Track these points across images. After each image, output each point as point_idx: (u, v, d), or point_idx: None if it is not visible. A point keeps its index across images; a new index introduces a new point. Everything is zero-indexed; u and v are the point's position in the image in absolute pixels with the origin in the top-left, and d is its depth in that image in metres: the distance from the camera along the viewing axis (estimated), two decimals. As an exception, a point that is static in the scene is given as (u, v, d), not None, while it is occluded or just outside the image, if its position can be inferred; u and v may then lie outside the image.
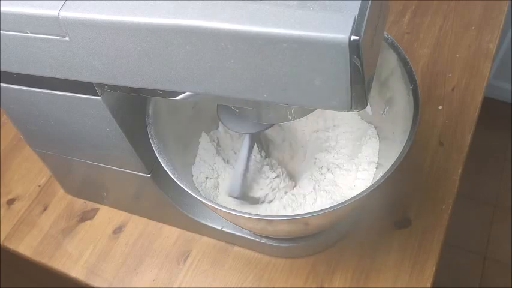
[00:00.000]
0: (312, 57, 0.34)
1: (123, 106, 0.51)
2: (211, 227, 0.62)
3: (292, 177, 0.62)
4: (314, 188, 0.60)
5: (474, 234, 1.35)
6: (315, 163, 0.63)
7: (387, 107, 0.59)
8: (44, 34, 0.41)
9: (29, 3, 0.41)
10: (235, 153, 0.65)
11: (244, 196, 0.59)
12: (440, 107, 0.71)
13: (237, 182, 0.58)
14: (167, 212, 0.63)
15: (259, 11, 0.35)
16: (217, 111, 0.53)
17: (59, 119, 0.53)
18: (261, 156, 0.62)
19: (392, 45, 0.54)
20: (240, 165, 0.57)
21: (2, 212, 0.71)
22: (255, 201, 0.60)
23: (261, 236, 0.60)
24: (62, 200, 0.72)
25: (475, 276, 1.29)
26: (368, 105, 0.59)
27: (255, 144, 0.59)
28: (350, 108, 0.37)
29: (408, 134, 0.49)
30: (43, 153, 0.63)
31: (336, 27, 0.33)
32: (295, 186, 0.61)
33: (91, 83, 0.46)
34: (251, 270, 0.62)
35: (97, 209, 0.70)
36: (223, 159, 0.64)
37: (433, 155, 0.68)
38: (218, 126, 0.67)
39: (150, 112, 0.54)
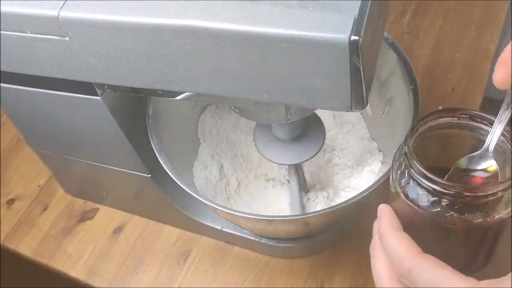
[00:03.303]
0: (312, 57, 0.34)
1: (123, 106, 0.51)
2: (211, 227, 0.62)
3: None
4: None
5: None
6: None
7: (387, 107, 0.59)
8: (44, 34, 0.41)
9: (29, 3, 0.41)
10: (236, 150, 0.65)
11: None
12: (440, 107, 0.71)
13: (296, 205, 0.59)
14: (167, 212, 0.63)
15: (259, 11, 0.35)
16: (255, 140, 0.54)
17: (59, 119, 0.53)
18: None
19: (392, 45, 0.54)
20: (294, 193, 0.59)
21: (2, 212, 0.71)
22: None
23: (261, 236, 0.60)
24: (62, 200, 0.72)
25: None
26: (368, 105, 0.59)
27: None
28: (350, 108, 0.37)
29: (408, 134, 0.49)
30: (43, 153, 0.63)
31: (336, 27, 0.33)
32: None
33: (91, 83, 0.46)
34: (251, 270, 0.62)
35: (97, 209, 0.70)
36: (223, 160, 0.64)
37: (433, 155, 0.67)
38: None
39: (150, 112, 0.54)
